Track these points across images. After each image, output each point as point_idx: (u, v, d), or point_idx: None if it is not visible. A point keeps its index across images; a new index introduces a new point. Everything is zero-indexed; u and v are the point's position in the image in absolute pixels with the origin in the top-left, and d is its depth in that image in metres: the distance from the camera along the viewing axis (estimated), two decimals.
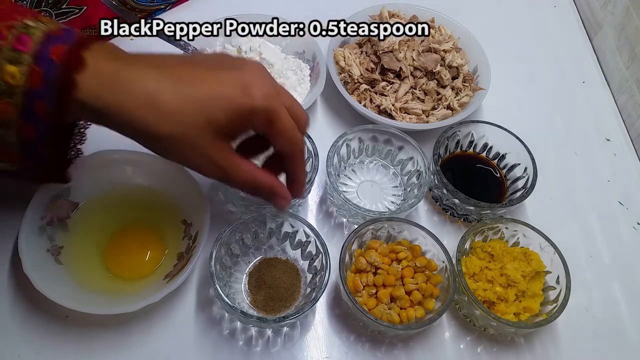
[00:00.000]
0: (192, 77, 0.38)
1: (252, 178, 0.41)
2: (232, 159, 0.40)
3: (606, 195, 0.65)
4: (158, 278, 0.49)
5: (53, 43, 0.36)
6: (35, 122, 0.36)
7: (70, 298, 0.45)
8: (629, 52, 0.72)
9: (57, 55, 0.35)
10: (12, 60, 0.35)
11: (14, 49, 0.35)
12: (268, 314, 0.49)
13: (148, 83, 0.36)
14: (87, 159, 0.51)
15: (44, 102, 0.36)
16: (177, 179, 0.52)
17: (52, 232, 0.50)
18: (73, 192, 0.51)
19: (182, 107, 0.37)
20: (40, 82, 0.35)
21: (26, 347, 0.47)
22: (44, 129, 0.37)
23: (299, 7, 0.72)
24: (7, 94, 0.35)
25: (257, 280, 0.51)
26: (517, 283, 0.51)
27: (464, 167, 0.62)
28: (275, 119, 0.39)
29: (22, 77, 0.35)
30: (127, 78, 0.36)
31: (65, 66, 0.35)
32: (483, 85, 0.65)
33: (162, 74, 0.37)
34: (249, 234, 0.51)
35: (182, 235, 0.52)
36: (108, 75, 0.36)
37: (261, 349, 0.49)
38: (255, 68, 0.40)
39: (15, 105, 0.35)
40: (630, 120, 0.71)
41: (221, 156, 0.39)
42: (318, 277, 0.49)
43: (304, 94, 0.65)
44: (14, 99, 0.35)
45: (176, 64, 0.39)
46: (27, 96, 0.35)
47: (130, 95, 0.36)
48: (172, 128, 0.37)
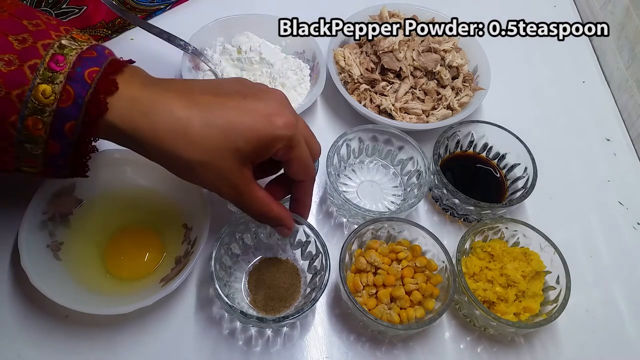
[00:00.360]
0: (218, 105, 0.40)
1: (265, 209, 0.44)
2: (252, 187, 0.43)
3: (606, 195, 0.65)
4: (154, 280, 0.49)
5: (87, 65, 0.37)
6: (61, 139, 0.38)
7: (66, 295, 0.45)
8: (629, 52, 0.72)
9: (90, 77, 0.37)
10: (46, 79, 0.36)
11: (49, 68, 0.36)
12: (268, 313, 0.49)
13: (178, 111, 0.38)
14: (97, 155, 0.50)
15: (73, 122, 0.37)
16: (181, 183, 0.51)
17: (53, 227, 0.50)
18: (78, 188, 0.51)
19: (211, 135, 0.39)
20: (71, 103, 0.36)
21: (26, 347, 0.47)
22: (69, 145, 0.38)
23: (299, 6, 0.72)
24: (39, 111, 0.36)
25: (256, 280, 0.51)
26: (517, 283, 0.51)
27: (464, 167, 0.62)
28: (294, 147, 0.42)
29: (54, 96, 0.36)
30: (157, 104, 0.38)
31: (97, 89, 0.37)
32: (483, 85, 0.65)
33: (190, 102, 0.39)
34: (249, 233, 0.51)
35: (182, 239, 0.52)
36: (139, 100, 0.38)
37: (261, 349, 0.49)
38: (277, 98, 0.43)
39: (44, 123, 0.36)
40: (630, 120, 0.71)
41: (242, 183, 0.42)
42: (318, 277, 0.49)
43: (304, 94, 0.65)
44: (44, 117, 0.36)
45: (203, 93, 0.41)
46: (57, 115, 0.36)
47: (161, 122, 0.38)
48: (202, 155, 0.39)
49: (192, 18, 0.69)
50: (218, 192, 0.42)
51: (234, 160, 0.40)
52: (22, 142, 0.37)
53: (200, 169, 0.40)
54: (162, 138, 0.38)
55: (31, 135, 0.37)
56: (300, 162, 0.43)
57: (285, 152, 0.42)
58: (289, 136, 0.41)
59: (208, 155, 0.39)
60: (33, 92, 0.36)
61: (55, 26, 0.39)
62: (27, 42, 0.37)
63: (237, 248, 0.51)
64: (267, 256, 0.53)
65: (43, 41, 0.37)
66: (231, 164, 0.40)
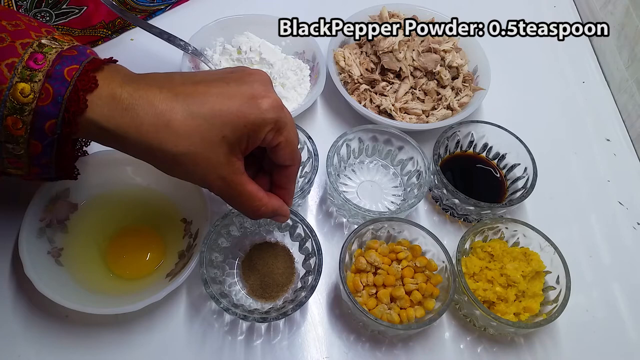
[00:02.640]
0: (201, 94, 0.38)
1: (257, 204, 0.42)
2: (242, 180, 0.41)
3: (606, 195, 0.65)
4: (160, 277, 0.49)
5: (66, 63, 0.37)
6: (42, 139, 0.37)
7: (73, 299, 0.45)
8: (629, 52, 0.72)
9: (69, 75, 0.36)
10: (24, 78, 0.35)
11: (27, 67, 0.36)
12: (267, 301, 0.49)
13: (159, 104, 0.37)
14: (87, 159, 0.51)
15: (53, 121, 0.36)
16: (176, 179, 0.52)
17: (51, 233, 0.50)
18: (72, 193, 0.52)
19: (195, 125, 0.37)
20: (50, 101, 0.36)
21: (26, 347, 0.47)
22: (51, 144, 0.38)
23: (299, 7, 0.72)
24: (18, 111, 0.35)
25: (250, 269, 0.51)
26: (517, 283, 0.51)
27: (464, 167, 0.62)
28: (282, 129, 0.40)
29: (33, 94, 0.35)
30: (138, 100, 0.37)
31: (76, 86, 0.36)
32: (483, 85, 0.65)
33: (172, 94, 0.38)
34: (235, 225, 0.51)
35: (183, 233, 0.52)
36: (119, 97, 0.37)
37: (262, 342, 0.49)
38: (261, 79, 0.40)
39: (24, 122, 0.36)
40: (630, 120, 0.71)
41: (231, 174, 0.40)
42: (311, 260, 0.49)
43: (304, 94, 0.65)
44: (23, 116, 0.36)
45: (185, 83, 0.39)
46: (37, 114, 0.36)
47: (143, 117, 0.37)
48: (187, 146, 0.37)
49: (192, 18, 0.69)
50: (207, 186, 0.40)
51: (221, 150, 0.38)
52: (2, 142, 0.37)
53: (187, 161, 0.38)
54: (146, 133, 0.37)
55: (11, 135, 0.36)
56: (289, 145, 0.41)
57: (274, 136, 0.40)
58: (276, 119, 0.39)
59: (194, 146, 0.37)
60: (11, 91, 0.35)
61: (37, 27, 0.38)
62: (4, 41, 0.36)
63: (225, 242, 0.51)
64: (256, 242, 0.53)
65: (22, 40, 0.37)
66: (219, 154, 0.38)
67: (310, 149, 0.55)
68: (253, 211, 0.42)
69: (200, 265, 0.46)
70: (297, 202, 0.56)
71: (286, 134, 0.41)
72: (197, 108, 0.37)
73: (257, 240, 0.53)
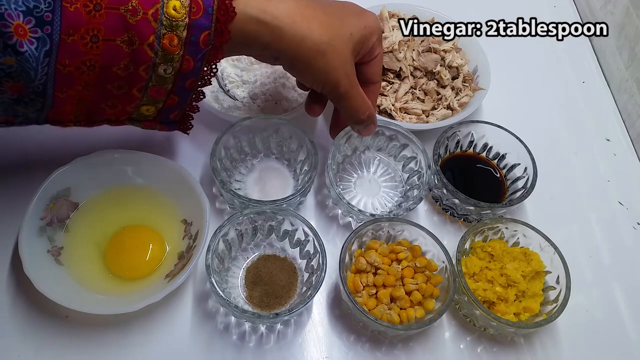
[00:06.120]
0: (325, 4, 0.46)
1: (367, 102, 0.49)
2: (356, 80, 0.48)
3: (606, 195, 0.65)
4: (159, 277, 0.49)
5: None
6: (196, 53, 0.40)
7: (72, 298, 0.45)
8: (629, 52, 0.72)
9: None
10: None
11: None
12: (263, 310, 0.49)
13: (299, 3, 0.44)
14: (87, 158, 0.51)
15: (207, 32, 0.39)
16: (177, 179, 0.52)
17: (52, 232, 0.50)
18: (73, 192, 0.52)
19: (333, 21, 0.45)
20: (202, 13, 0.38)
21: (26, 347, 0.47)
22: (202, 60, 0.40)
23: None
24: (174, 27, 0.38)
25: (254, 276, 0.51)
26: (517, 283, 0.51)
27: (464, 167, 0.62)
28: (380, 43, 0.50)
29: (184, 10, 0.38)
30: (278, 3, 0.42)
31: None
32: (483, 85, 0.65)
33: (308, 2, 0.45)
34: (249, 229, 0.51)
35: (183, 234, 0.52)
36: (261, 1, 0.42)
37: (254, 345, 0.49)
38: (372, 18, 0.49)
39: (179, 38, 0.38)
40: (630, 120, 0.71)
41: (353, 73, 0.47)
42: (314, 277, 0.49)
43: (304, 94, 0.64)
44: (178, 32, 0.38)
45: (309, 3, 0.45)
46: (191, 28, 0.38)
47: (293, 9, 0.43)
48: (330, 37, 0.44)
49: None
50: (335, 82, 0.45)
51: (349, 47, 0.45)
52: (156, 66, 0.38)
53: (328, 51, 0.43)
54: (300, 23, 0.42)
55: (167, 53, 0.38)
56: (381, 60, 0.50)
57: (375, 46, 0.48)
58: (381, 30, 0.49)
59: (334, 38, 0.44)
60: (165, 9, 0.37)
61: None
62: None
63: (236, 243, 0.51)
64: (266, 253, 0.53)
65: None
66: (348, 50, 0.45)
67: (310, 147, 0.55)
68: (364, 111, 0.49)
69: (207, 251, 0.47)
70: (298, 200, 0.56)
71: (381, 48, 0.49)
72: (331, 11, 0.45)
73: (267, 251, 0.53)
